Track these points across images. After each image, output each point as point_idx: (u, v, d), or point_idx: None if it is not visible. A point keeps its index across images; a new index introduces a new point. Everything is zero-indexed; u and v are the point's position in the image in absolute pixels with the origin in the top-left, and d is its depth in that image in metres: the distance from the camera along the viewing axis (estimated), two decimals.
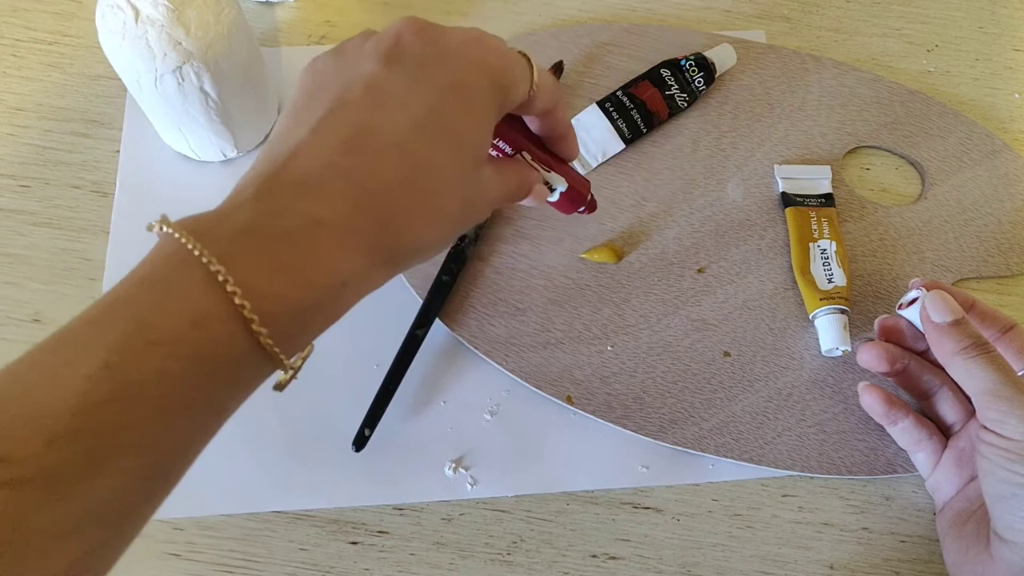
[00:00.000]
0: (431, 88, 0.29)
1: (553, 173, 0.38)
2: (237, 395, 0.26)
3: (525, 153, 0.37)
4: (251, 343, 0.25)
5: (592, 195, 0.41)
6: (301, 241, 0.26)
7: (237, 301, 0.24)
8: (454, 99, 0.30)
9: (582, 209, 0.41)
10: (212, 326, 0.24)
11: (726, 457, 0.47)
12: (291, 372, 0.27)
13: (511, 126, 0.36)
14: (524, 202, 0.37)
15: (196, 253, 0.24)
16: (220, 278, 0.24)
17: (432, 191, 0.29)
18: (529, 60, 0.33)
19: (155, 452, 0.23)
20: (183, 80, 0.46)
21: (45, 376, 0.23)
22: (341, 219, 0.27)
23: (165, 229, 0.25)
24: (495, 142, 0.36)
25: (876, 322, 0.47)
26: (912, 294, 0.44)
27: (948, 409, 0.46)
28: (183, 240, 0.25)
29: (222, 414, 0.26)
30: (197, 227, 0.25)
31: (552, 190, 0.39)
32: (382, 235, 0.28)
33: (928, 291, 0.43)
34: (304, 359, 0.28)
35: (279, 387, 0.28)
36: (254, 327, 0.24)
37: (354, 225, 0.27)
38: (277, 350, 0.25)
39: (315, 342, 0.28)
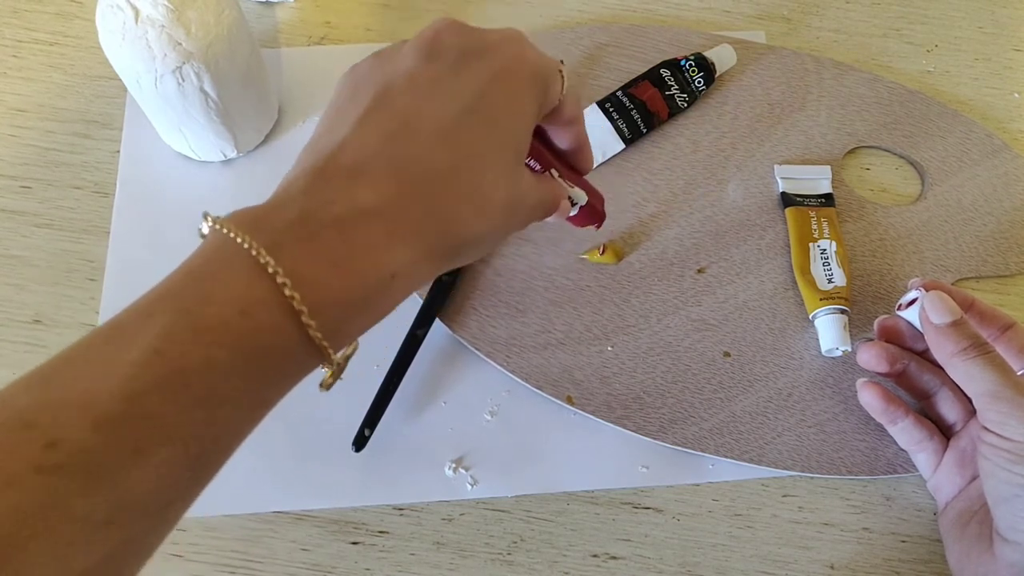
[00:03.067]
0: (474, 76, 0.29)
1: (576, 188, 0.39)
2: (281, 388, 0.26)
3: (553, 170, 0.37)
4: (299, 335, 0.25)
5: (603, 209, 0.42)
6: (350, 230, 0.26)
7: (287, 292, 0.24)
8: (498, 87, 0.29)
9: (595, 225, 0.42)
10: (259, 315, 0.24)
11: (726, 457, 0.47)
12: (336, 368, 0.27)
13: (538, 144, 0.36)
14: (547, 219, 0.37)
15: (244, 245, 0.24)
16: (269, 269, 0.24)
17: (477, 179, 0.29)
18: (560, 63, 0.33)
19: (198, 442, 0.23)
20: (183, 80, 0.46)
21: (94, 362, 0.22)
22: (388, 206, 0.27)
23: (212, 224, 0.25)
24: (526, 161, 0.36)
25: (876, 323, 0.47)
26: (911, 295, 0.44)
27: (948, 409, 0.46)
28: (230, 233, 0.25)
29: (264, 406, 0.26)
30: (245, 220, 0.25)
31: (573, 204, 0.40)
32: (429, 223, 0.28)
33: (927, 291, 0.43)
34: (348, 356, 0.28)
35: (324, 386, 0.28)
36: (303, 319, 0.24)
37: (401, 213, 0.27)
38: (325, 343, 0.25)
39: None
